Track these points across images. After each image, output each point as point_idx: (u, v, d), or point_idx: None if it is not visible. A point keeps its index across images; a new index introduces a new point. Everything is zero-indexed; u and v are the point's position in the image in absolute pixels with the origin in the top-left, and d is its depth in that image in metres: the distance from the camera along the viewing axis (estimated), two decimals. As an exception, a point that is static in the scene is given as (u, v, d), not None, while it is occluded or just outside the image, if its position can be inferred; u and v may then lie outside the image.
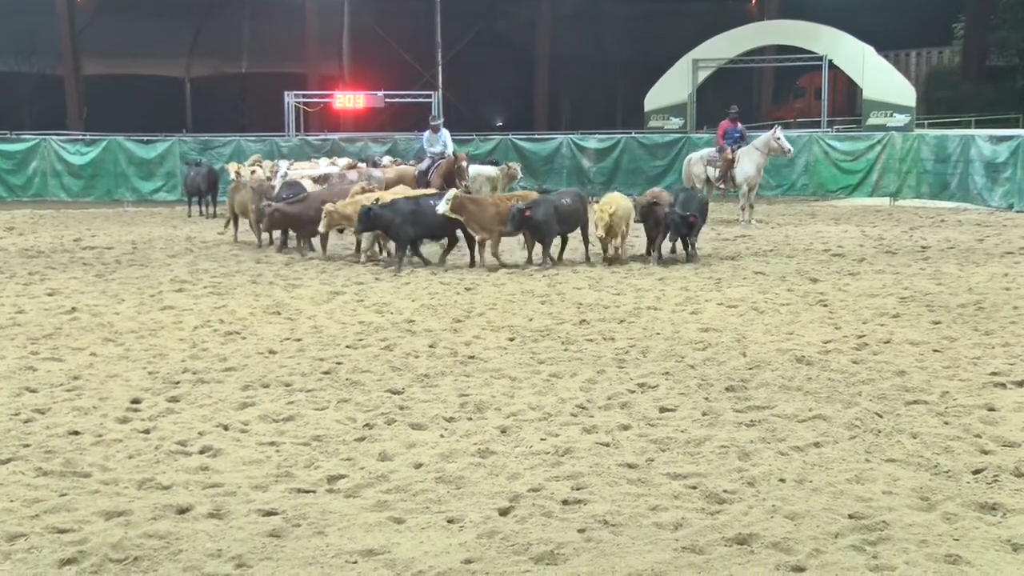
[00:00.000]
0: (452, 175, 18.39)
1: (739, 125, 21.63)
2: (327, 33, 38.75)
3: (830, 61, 29.85)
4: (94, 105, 37.53)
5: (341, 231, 15.82)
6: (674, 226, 14.33)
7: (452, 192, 14.51)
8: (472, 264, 14.37)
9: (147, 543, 4.78)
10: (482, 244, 14.49)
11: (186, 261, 15.24)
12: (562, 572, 4.54)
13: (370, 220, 13.93)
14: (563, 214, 14.55)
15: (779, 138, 20.64)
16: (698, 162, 21.63)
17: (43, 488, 5.52)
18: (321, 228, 14.78)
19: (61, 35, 36.91)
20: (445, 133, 20.09)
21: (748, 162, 20.52)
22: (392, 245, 15.00)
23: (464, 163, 18.72)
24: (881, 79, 28.82)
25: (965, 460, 5.93)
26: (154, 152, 28.23)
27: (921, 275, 13.13)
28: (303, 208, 15.61)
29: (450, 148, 19.74)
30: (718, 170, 21.06)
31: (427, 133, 20.26)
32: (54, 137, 28.36)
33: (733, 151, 20.76)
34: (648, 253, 14.97)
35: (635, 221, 14.71)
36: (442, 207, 13.91)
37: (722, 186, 21.48)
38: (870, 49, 28.93)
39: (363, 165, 22.33)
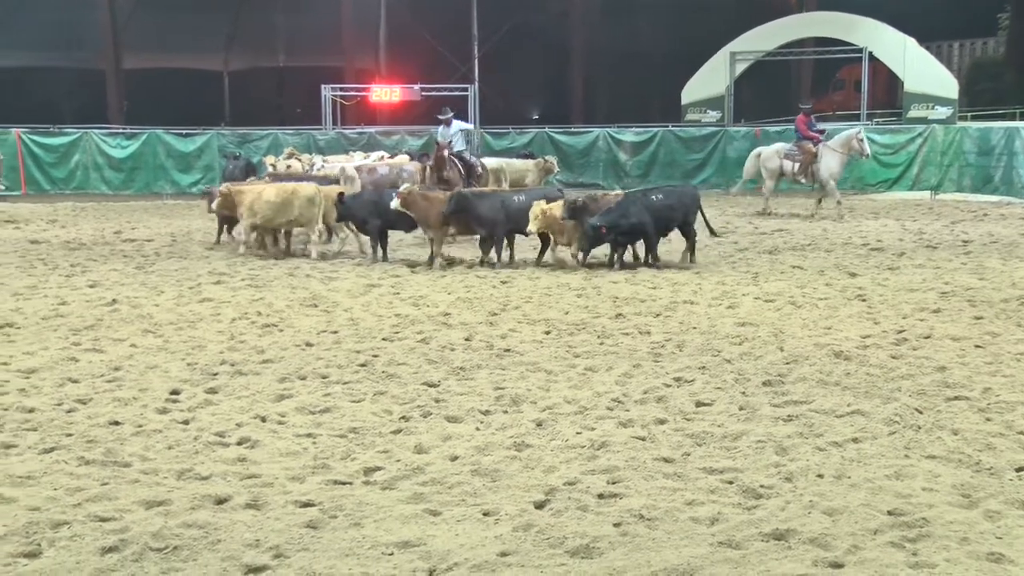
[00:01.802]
0: (442, 167, 17.82)
1: (812, 119, 21.37)
2: (364, 27, 38.88)
3: (870, 53, 29.51)
4: (134, 99, 37.93)
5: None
6: (587, 237, 13.23)
7: (405, 186, 14.42)
8: (430, 263, 13.91)
9: (186, 532, 4.83)
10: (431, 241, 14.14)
11: (224, 253, 15.38)
12: (597, 566, 4.53)
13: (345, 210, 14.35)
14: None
15: (862, 139, 20.23)
16: (772, 156, 21.22)
17: (85, 477, 5.59)
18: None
19: (102, 30, 37.32)
20: (456, 126, 19.61)
21: (832, 158, 20.17)
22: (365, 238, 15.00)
23: (444, 153, 17.95)
24: (923, 71, 28.49)
25: (1008, 457, 5.84)
26: (193, 145, 28.54)
27: (962, 270, 12.96)
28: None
29: (457, 141, 19.10)
30: (798, 164, 20.65)
31: (440, 128, 19.82)
32: (95, 131, 28.75)
33: (815, 145, 20.46)
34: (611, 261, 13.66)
35: (562, 218, 13.34)
36: (394, 202, 13.75)
37: (803, 180, 21.05)
38: (911, 40, 28.59)
39: (406, 157, 22.43)
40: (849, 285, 11.93)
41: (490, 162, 24.15)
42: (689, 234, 14.03)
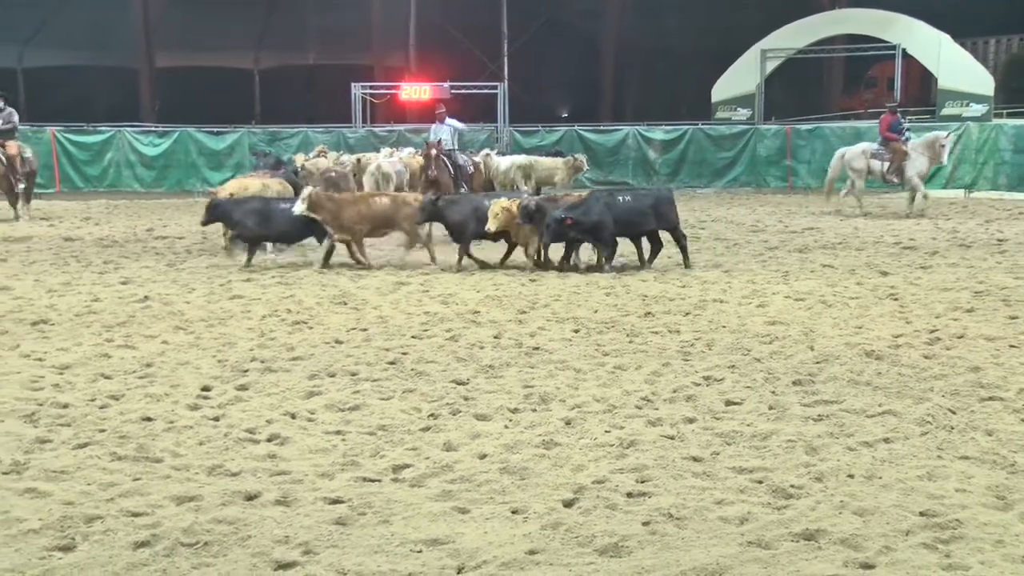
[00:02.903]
0: (428, 166, 17.34)
1: (900, 117, 21.13)
2: (393, 25, 39.04)
3: (904, 50, 29.25)
4: (166, 97, 38.29)
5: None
6: (549, 229, 12.70)
7: (308, 190, 13.74)
8: (359, 263, 13.67)
9: (217, 528, 4.86)
10: (349, 245, 13.71)
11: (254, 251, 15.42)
12: (626, 564, 4.52)
13: (215, 212, 13.61)
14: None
15: (943, 145, 19.94)
16: (859, 156, 20.81)
17: (118, 472, 5.64)
18: None
19: (135, 29, 37.70)
20: (451, 123, 19.08)
21: (919, 158, 19.96)
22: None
23: (432, 152, 17.30)
24: (957, 67, 28.19)
25: (1043, 459, 5.77)
26: (223, 143, 28.76)
27: (997, 269, 12.82)
28: None
29: (447, 138, 18.63)
30: (888, 163, 20.35)
31: (434, 125, 19.31)
32: (128, 129, 29.04)
33: (904, 143, 20.25)
34: (565, 259, 13.38)
35: (518, 221, 12.99)
36: (298, 206, 13.22)
37: (895, 180, 20.73)
38: (946, 37, 28.30)
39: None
40: (881, 284, 11.83)
41: (519, 159, 24.22)
42: (656, 241, 13.49)
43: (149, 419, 6.66)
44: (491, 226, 12.93)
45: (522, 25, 36.47)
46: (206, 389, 7.44)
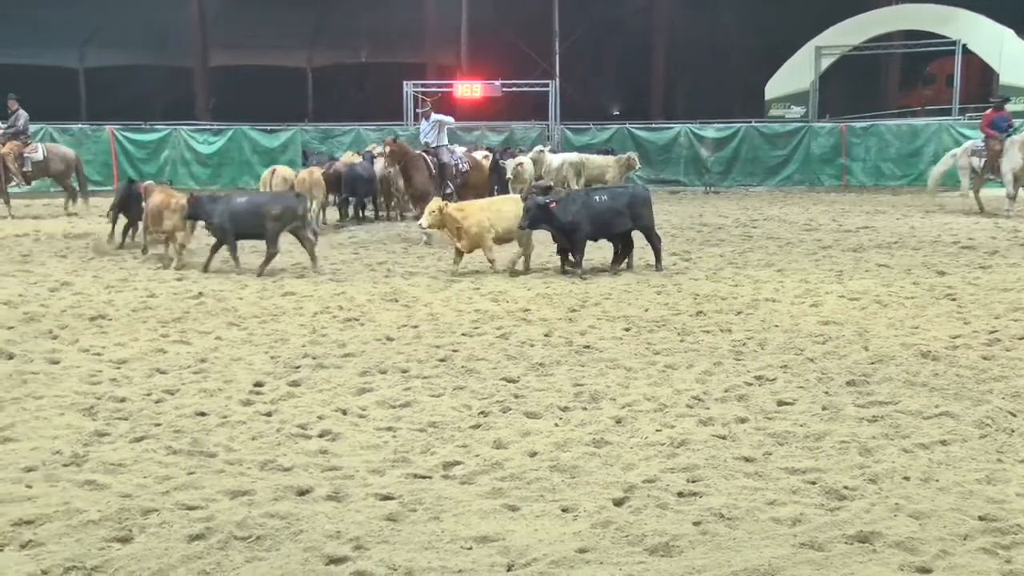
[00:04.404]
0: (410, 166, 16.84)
1: (1006, 113, 20.80)
2: (445, 23, 39.16)
3: (964, 46, 28.71)
4: (221, 96, 38.77)
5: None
6: (528, 213, 12.37)
7: (149, 182, 14.01)
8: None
9: (269, 522, 4.91)
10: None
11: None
12: (677, 564, 4.49)
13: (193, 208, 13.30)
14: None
15: None
16: (964, 153, 20.67)
17: (173, 466, 5.72)
18: None
19: (191, 29, 38.24)
20: (438, 119, 18.16)
21: (1017, 153, 19.68)
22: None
23: (388, 149, 16.83)
24: (1020, 63, 27.61)
25: (1106, 463, 5.64)
26: (277, 141, 29.07)
27: (1058, 269, 12.54)
28: None
29: (427, 136, 17.97)
30: (984, 160, 20.11)
31: (423, 123, 18.59)
32: (184, 127, 29.48)
33: (1001, 140, 19.97)
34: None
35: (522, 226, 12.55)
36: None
37: (992, 176, 20.36)
38: (1009, 32, 27.75)
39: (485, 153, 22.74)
40: (938, 284, 11.64)
41: (570, 157, 24.19)
42: (628, 242, 13.10)
43: (203, 414, 6.75)
44: (424, 223, 12.79)
45: (573, 23, 36.39)
46: (259, 385, 7.52)
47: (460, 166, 17.93)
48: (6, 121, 21.12)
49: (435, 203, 12.89)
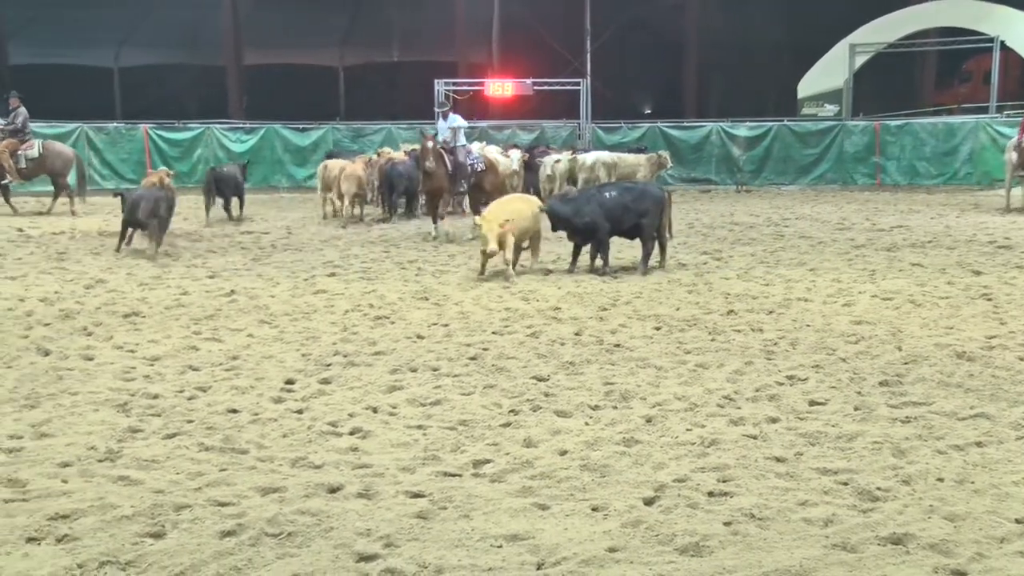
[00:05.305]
0: (425, 157, 16.82)
1: None
2: (477, 21, 39.17)
3: (1002, 43, 28.35)
4: (253, 94, 39.01)
5: None
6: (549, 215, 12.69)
7: None
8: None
9: (300, 519, 4.94)
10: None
11: (338, 246, 15.69)
12: (707, 564, 4.47)
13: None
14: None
15: None
16: (1010, 149, 20.57)
17: (205, 463, 5.76)
18: None
19: (224, 28, 38.50)
20: (452, 119, 17.98)
21: None
22: None
23: (429, 144, 16.78)
24: (1059, 60, 27.24)
25: None
26: (308, 140, 29.24)
27: (1096, 269, 12.36)
28: None
29: (444, 135, 17.88)
30: (1016, 155, 20.02)
31: (440, 122, 18.40)
32: (216, 126, 29.69)
33: None
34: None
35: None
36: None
37: (1023, 173, 20.32)
38: (1049, 28, 27.38)
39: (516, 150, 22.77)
40: (973, 284, 11.51)
41: (603, 156, 24.16)
42: (645, 239, 12.88)
43: (235, 411, 6.80)
44: (490, 248, 12.14)
45: (605, 21, 36.27)
46: (290, 382, 7.56)
47: (476, 166, 17.86)
48: (6, 119, 21.27)
49: (494, 224, 12.16)
